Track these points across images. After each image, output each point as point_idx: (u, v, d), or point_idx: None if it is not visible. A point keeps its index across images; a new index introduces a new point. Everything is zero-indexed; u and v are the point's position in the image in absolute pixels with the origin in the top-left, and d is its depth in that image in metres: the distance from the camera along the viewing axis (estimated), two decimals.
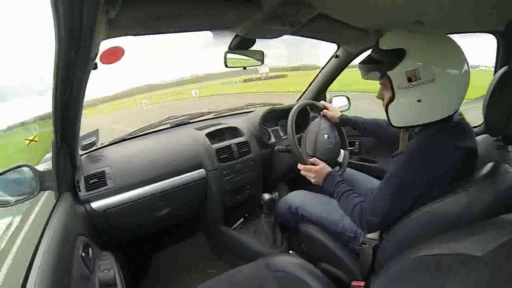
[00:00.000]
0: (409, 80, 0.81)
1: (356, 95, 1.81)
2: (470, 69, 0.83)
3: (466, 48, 0.83)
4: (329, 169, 1.12)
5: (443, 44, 0.84)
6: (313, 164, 1.16)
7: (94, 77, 0.84)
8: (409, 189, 0.84)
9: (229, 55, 1.23)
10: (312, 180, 1.15)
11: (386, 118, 0.94)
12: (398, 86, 0.84)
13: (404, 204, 0.85)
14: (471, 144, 0.86)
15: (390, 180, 0.88)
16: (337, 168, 1.30)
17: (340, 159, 1.35)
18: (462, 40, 0.90)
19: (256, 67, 1.36)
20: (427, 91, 0.81)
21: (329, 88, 1.93)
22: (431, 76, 0.79)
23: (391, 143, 1.19)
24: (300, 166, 1.19)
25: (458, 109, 0.86)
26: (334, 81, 1.88)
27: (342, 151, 1.37)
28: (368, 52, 0.94)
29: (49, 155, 1.02)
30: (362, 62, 0.93)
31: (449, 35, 0.86)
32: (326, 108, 1.38)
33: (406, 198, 0.85)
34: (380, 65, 0.87)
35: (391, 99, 0.88)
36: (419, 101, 0.83)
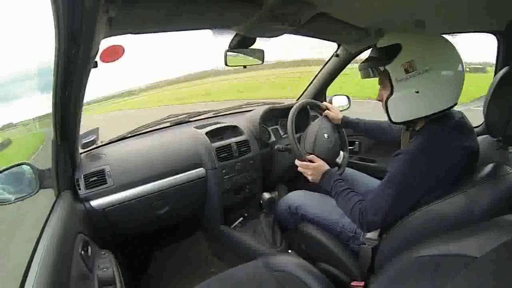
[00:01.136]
0: (406, 71, 0.85)
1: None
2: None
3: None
4: (327, 167, 1.12)
5: (437, 39, 0.88)
6: (311, 161, 1.16)
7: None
8: (410, 188, 0.84)
9: (230, 54, 1.23)
10: (309, 178, 1.14)
11: (386, 116, 0.95)
12: (396, 79, 0.87)
13: (406, 204, 0.85)
14: (472, 144, 0.87)
15: (391, 179, 0.88)
16: (336, 168, 1.30)
17: (339, 160, 1.35)
18: None
19: None
20: (424, 81, 0.84)
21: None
22: (427, 66, 0.83)
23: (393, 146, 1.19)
24: (297, 162, 1.19)
25: (456, 103, 0.88)
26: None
27: (341, 152, 1.37)
28: (369, 52, 0.97)
29: None
30: (362, 62, 0.97)
31: (449, 35, 0.88)
32: (328, 109, 1.38)
33: (408, 198, 0.85)
34: (378, 60, 0.91)
35: (390, 95, 0.90)
36: (417, 92, 0.85)
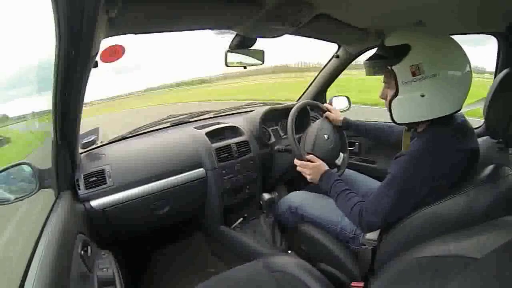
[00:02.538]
0: (413, 74, 0.83)
1: None
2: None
3: None
4: (326, 167, 1.12)
5: (447, 42, 0.86)
6: (310, 161, 1.15)
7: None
8: (411, 190, 0.84)
9: (230, 55, 1.23)
10: (308, 177, 1.14)
11: (388, 116, 0.94)
12: (402, 81, 0.85)
13: (406, 206, 0.85)
14: (473, 146, 0.87)
15: (392, 181, 0.87)
16: (335, 170, 1.30)
17: (339, 161, 1.35)
18: None
19: None
20: (431, 86, 0.82)
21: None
22: (435, 71, 0.81)
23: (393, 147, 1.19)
24: (296, 161, 1.18)
25: (460, 108, 0.87)
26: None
27: (341, 154, 1.36)
28: (369, 52, 0.95)
29: None
30: (368, 59, 0.94)
31: (450, 35, 0.87)
32: (329, 110, 1.38)
33: (408, 200, 0.85)
34: (386, 60, 0.88)
35: (395, 95, 0.88)
36: (422, 96, 0.83)
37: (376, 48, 0.95)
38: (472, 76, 0.85)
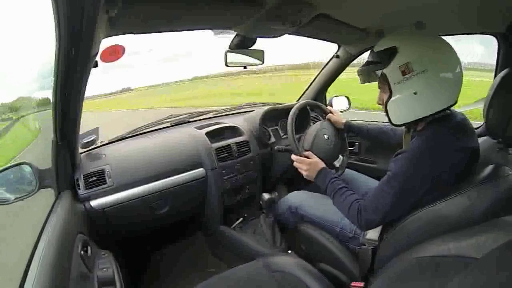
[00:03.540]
0: (403, 73, 0.85)
1: None
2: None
3: None
4: (323, 165, 1.11)
5: (434, 40, 0.88)
6: (307, 157, 1.15)
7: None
8: (411, 188, 0.84)
9: (230, 55, 1.23)
10: (304, 173, 1.13)
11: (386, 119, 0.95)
12: (394, 82, 0.87)
13: (405, 204, 0.85)
14: (473, 145, 0.87)
15: (392, 179, 0.87)
16: (333, 171, 1.30)
17: (338, 163, 1.34)
18: None
19: None
20: (421, 82, 0.84)
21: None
22: (424, 67, 0.83)
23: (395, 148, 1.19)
24: (293, 157, 1.18)
25: (455, 103, 0.87)
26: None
27: (340, 156, 1.36)
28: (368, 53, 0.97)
29: None
30: (361, 67, 0.97)
31: (450, 35, 0.88)
32: (331, 112, 1.38)
33: (408, 198, 0.85)
34: (376, 64, 0.91)
35: (389, 97, 0.90)
36: (415, 93, 0.85)
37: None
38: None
